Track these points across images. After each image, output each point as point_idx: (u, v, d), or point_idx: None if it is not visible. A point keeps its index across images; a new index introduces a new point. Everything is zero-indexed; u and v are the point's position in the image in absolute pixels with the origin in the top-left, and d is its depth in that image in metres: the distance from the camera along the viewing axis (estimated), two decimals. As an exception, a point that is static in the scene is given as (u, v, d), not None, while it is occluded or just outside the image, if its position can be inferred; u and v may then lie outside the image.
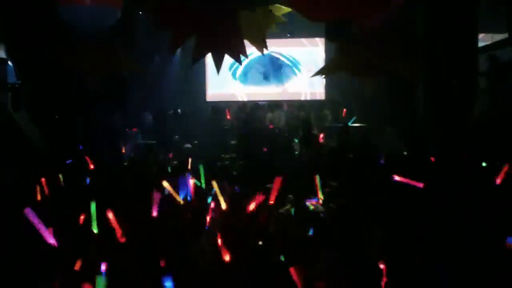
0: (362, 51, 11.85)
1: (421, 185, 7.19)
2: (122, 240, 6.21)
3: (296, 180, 9.99)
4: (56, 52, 10.88)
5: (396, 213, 6.95)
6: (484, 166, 8.15)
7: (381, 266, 5.58)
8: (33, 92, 12.14)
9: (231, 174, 10.48)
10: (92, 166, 10.40)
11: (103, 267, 5.11)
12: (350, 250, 6.00)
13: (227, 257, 5.26)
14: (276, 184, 8.15)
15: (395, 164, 8.36)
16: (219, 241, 5.48)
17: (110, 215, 6.21)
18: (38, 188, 8.99)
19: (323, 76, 14.82)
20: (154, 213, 6.82)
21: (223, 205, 7.39)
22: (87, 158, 10.38)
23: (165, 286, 4.48)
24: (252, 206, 7.94)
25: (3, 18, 12.15)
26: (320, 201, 7.99)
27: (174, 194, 7.39)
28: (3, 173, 10.56)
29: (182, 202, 7.40)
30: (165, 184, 7.47)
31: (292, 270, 4.87)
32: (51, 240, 5.70)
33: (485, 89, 10.84)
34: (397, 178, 7.48)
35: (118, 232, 6.17)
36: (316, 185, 8.17)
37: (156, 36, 13.23)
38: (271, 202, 7.96)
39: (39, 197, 8.92)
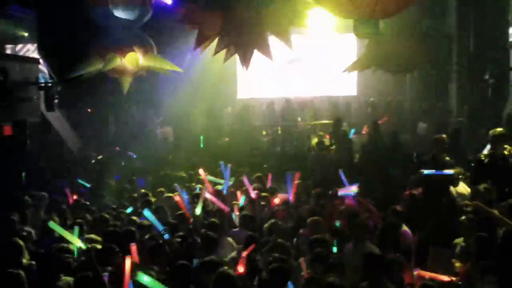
0: (393, 47, 11.73)
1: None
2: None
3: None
4: (89, 52, 10.99)
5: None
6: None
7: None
8: (66, 91, 12.33)
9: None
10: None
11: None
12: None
13: (241, 269, 5.25)
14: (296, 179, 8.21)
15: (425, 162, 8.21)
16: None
17: None
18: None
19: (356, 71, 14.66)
20: None
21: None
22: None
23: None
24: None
25: (38, 17, 12.38)
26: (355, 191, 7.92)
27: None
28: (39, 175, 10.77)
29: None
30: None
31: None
32: (79, 243, 5.77)
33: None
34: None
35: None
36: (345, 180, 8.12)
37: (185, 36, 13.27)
38: (292, 198, 8.00)
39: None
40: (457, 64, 13.16)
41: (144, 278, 4.51)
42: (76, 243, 5.70)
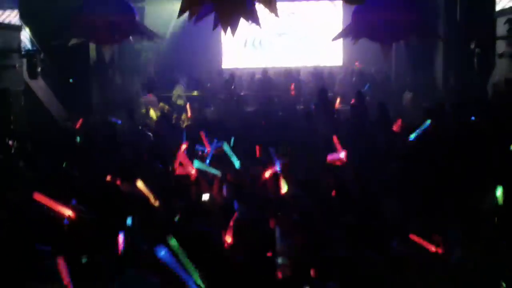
0: (381, 16, 11.66)
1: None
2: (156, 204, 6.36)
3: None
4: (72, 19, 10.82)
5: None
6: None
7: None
8: (49, 58, 12.15)
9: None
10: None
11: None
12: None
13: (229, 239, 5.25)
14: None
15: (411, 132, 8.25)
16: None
17: (140, 184, 6.33)
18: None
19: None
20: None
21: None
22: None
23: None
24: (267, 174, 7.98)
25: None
26: (343, 158, 7.93)
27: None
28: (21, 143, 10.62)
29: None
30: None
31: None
32: (68, 212, 5.74)
33: (503, 54, 10.62)
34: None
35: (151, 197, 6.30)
36: (336, 144, 8.12)
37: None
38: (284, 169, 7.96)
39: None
40: (444, 34, 13.15)
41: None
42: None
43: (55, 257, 4.25)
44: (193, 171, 7.27)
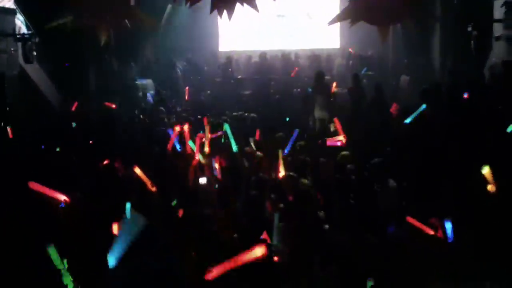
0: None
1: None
2: (154, 189, 6.40)
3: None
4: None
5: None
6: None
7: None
8: (45, 43, 12.05)
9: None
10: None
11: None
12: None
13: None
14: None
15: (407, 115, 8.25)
16: None
17: (137, 170, 6.37)
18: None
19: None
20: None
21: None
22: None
23: None
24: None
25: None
26: (343, 141, 8.01)
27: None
28: (17, 127, 10.58)
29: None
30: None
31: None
32: (63, 197, 5.75)
33: (500, 36, 10.58)
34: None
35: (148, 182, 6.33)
36: (338, 127, 8.19)
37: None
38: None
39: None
40: (441, 17, 13.10)
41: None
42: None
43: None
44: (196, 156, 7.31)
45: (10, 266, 4.90)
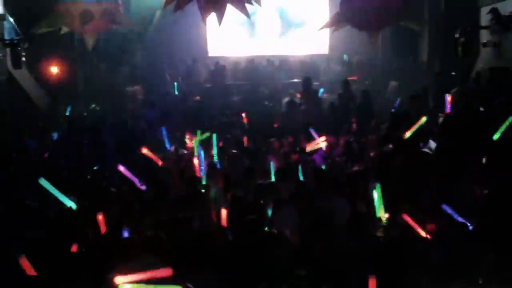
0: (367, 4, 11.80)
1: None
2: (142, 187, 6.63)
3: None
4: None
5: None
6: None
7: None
8: (33, 48, 12.03)
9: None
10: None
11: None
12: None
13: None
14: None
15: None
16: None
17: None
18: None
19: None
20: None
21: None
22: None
23: None
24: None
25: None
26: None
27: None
28: (5, 131, 10.55)
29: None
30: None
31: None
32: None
33: (487, 43, 10.71)
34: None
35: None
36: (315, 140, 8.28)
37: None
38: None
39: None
40: (429, 23, 13.24)
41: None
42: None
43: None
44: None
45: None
